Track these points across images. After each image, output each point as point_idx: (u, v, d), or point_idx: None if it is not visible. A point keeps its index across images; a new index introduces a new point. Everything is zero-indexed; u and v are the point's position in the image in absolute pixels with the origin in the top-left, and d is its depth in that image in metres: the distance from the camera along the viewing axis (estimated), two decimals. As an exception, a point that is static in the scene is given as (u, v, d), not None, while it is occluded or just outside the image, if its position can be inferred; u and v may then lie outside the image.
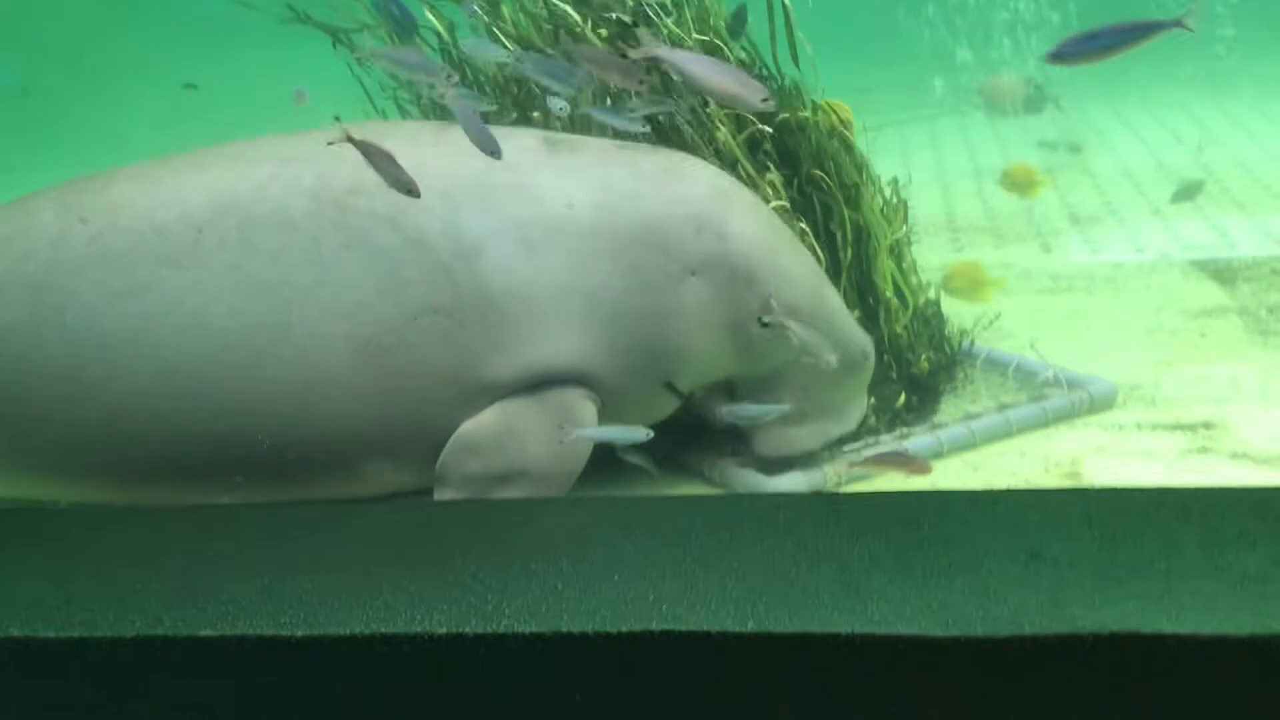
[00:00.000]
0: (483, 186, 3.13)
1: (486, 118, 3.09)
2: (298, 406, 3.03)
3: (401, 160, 3.12)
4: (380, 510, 2.73)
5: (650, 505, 2.55)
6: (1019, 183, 4.95)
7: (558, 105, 3.24)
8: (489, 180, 3.14)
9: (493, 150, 2.91)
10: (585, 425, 3.08)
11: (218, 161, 3.22)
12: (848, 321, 3.40)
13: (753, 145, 3.68)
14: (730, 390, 3.39)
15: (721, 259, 3.18)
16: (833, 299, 3.38)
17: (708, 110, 3.61)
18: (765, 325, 3.21)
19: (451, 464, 3.09)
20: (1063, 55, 2.48)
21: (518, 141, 3.30)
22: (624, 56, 2.99)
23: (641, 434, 3.01)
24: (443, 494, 3.09)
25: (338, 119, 2.93)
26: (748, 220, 3.26)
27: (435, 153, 3.19)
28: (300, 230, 3.05)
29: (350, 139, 2.82)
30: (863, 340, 3.40)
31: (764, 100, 2.85)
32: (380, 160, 2.83)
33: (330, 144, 2.87)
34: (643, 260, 3.13)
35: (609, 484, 3.35)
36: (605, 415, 3.18)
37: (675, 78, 2.98)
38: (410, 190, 2.81)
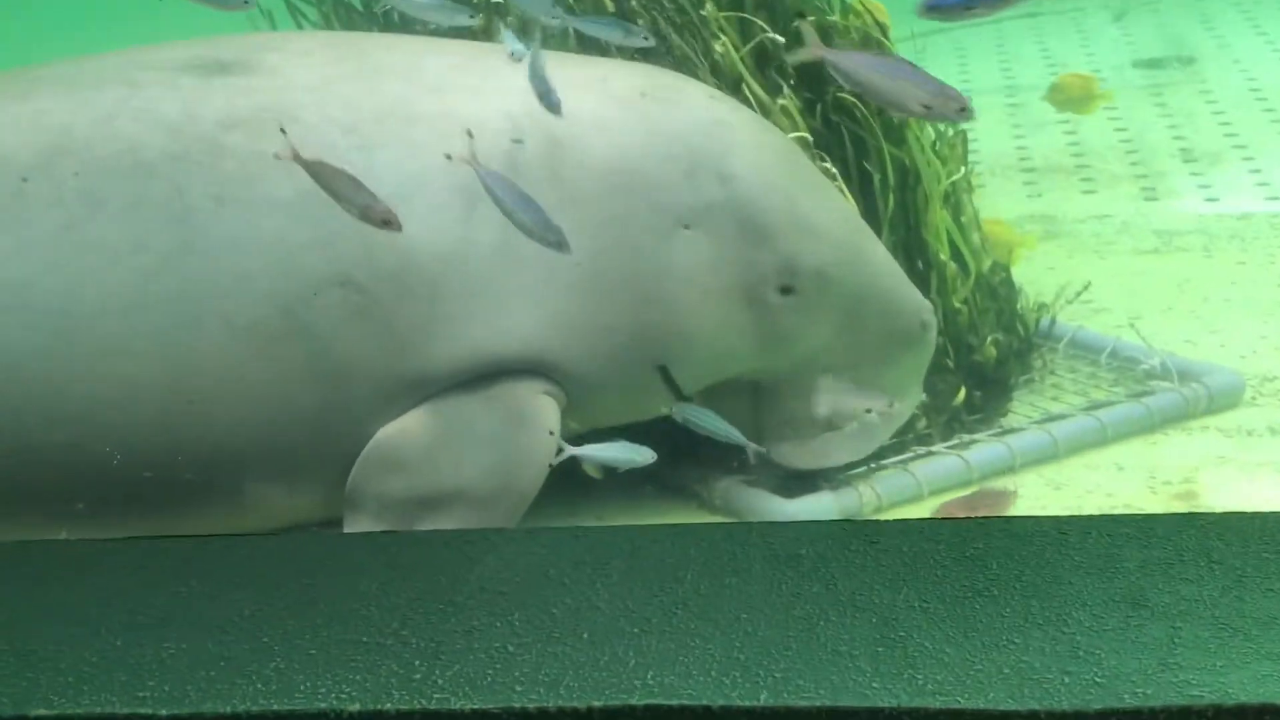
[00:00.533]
0: (404, 118, 3.12)
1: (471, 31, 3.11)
2: (159, 411, 3.02)
3: (288, 83, 3.11)
4: (272, 546, 2.73)
5: (630, 538, 2.55)
6: (1073, 98, 4.93)
7: (546, 11, 3.24)
8: (412, 109, 3.13)
9: (554, 103, 2.92)
10: (543, 428, 3.09)
11: (48, 86, 3.19)
12: (899, 282, 3.41)
13: (762, 60, 3.69)
14: (755, 391, 3.38)
15: (723, 207, 3.19)
16: (876, 253, 3.39)
17: (701, 11, 3.61)
18: (787, 293, 3.22)
19: (366, 483, 3.09)
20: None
21: (449, 57, 3.29)
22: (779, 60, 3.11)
23: (646, 455, 3.03)
24: (355, 523, 3.09)
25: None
26: (756, 156, 3.26)
27: (337, 73, 3.18)
28: (159, 177, 3.04)
29: (298, 158, 2.84)
30: (920, 306, 3.42)
31: (960, 110, 2.81)
32: (340, 185, 2.83)
33: (277, 156, 2.89)
34: (618, 210, 3.13)
35: (574, 509, 3.36)
36: (572, 415, 3.19)
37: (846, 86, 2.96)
38: (388, 222, 2.83)
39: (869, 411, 3.40)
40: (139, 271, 3.01)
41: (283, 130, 2.93)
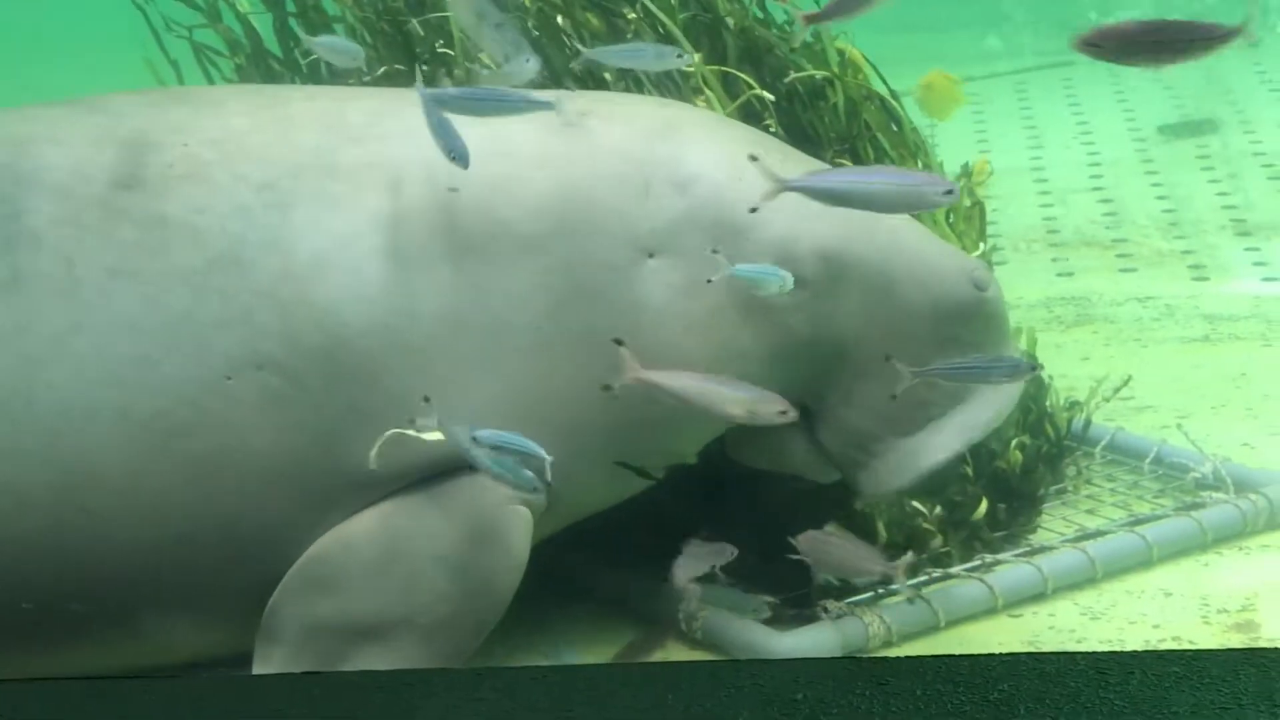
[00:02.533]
0: (324, 170, 3.15)
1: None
2: (48, 522, 3.01)
3: (200, 136, 3.13)
4: (174, 690, 2.71)
5: (596, 681, 2.55)
6: (937, 97, 4.62)
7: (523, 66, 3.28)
8: (333, 160, 3.16)
9: (459, 155, 2.95)
10: (512, 549, 3.07)
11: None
12: (929, 242, 3.33)
13: (750, 118, 3.73)
14: (804, 418, 3.28)
15: (689, 218, 3.19)
16: (888, 217, 3.26)
17: (681, 57, 3.66)
18: (795, 288, 3.09)
19: (288, 604, 3.07)
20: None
21: (375, 103, 3.33)
22: None
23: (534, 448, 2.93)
24: (268, 655, 3.06)
25: None
26: (713, 149, 3.26)
27: (249, 125, 3.21)
28: (45, 248, 3.05)
29: None
30: (964, 264, 3.31)
31: (946, 194, 2.93)
32: None
33: None
34: (570, 254, 3.15)
35: (531, 639, 3.35)
36: (553, 508, 3.17)
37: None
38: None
39: (940, 406, 3.27)
40: (21, 357, 3.01)
41: None
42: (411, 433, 2.99)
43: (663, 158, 3.22)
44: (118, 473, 3.00)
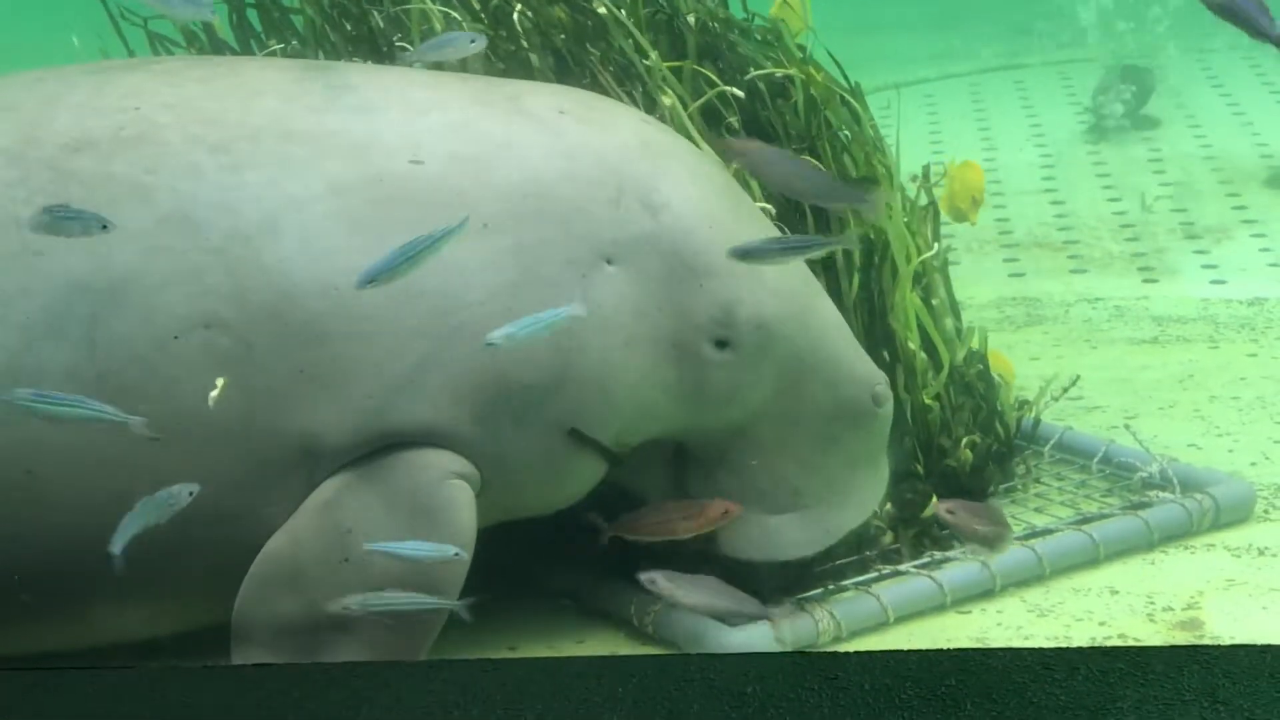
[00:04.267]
0: (280, 134, 3.14)
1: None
2: None
3: (153, 100, 3.11)
4: (112, 680, 2.69)
5: (549, 673, 2.55)
6: (959, 197, 4.34)
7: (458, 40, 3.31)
8: (290, 125, 3.16)
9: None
10: (459, 524, 3.07)
11: None
12: (849, 346, 3.46)
13: (711, 118, 3.74)
14: (678, 456, 3.39)
15: (652, 240, 3.22)
16: (825, 310, 3.44)
17: (646, 62, 3.67)
18: (722, 347, 3.25)
19: (255, 607, 3.07)
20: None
21: (334, 75, 3.33)
22: None
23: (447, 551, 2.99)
24: (244, 656, 3.06)
25: None
26: (691, 186, 3.30)
27: (202, 91, 3.20)
28: None
29: None
30: (872, 376, 3.46)
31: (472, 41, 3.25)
32: None
33: None
34: (530, 240, 3.15)
35: (482, 633, 3.34)
36: (488, 494, 3.18)
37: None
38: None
39: (810, 498, 3.40)
40: None
41: None
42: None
43: (638, 175, 3.25)
44: (63, 434, 2.96)
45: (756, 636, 3.36)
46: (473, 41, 3.32)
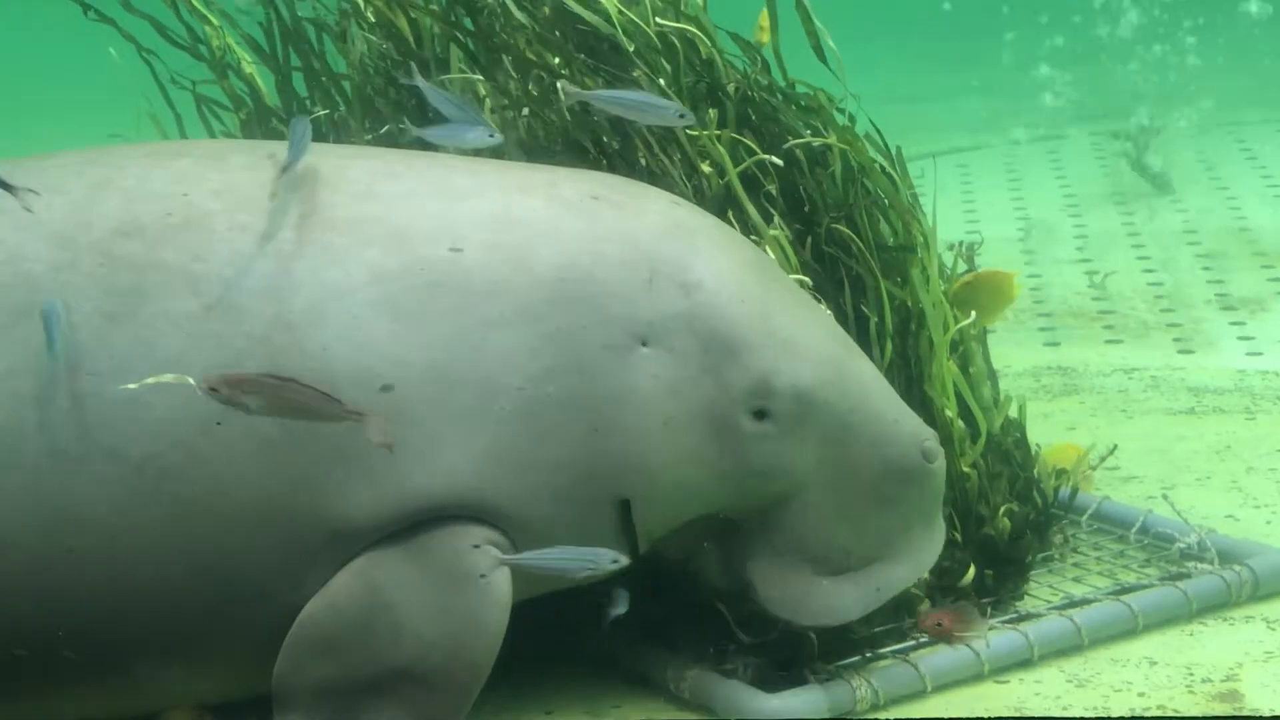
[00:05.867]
0: (325, 223, 3.18)
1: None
2: (29, 563, 3.01)
3: (202, 187, 3.16)
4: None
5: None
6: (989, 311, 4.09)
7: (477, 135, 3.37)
8: (334, 214, 3.19)
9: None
10: (491, 588, 3.09)
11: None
12: (892, 405, 3.45)
13: (748, 185, 3.77)
14: (725, 534, 3.38)
15: (686, 319, 3.25)
16: (864, 371, 3.43)
17: (690, 131, 3.71)
18: (761, 418, 3.25)
19: (295, 673, 3.07)
20: None
21: (378, 162, 3.37)
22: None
23: (605, 559, 3.01)
24: (286, 718, 3.07)
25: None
26: (723, 262, 3.33)
27: (249, 179, 3.25)
28: (43, 293, 3.07)
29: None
30: (919, 432, 3.44)
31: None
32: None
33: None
34: (567, 325, 3.18)
35: (520, 699, 3.35)
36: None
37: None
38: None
39: (863, 559, 3.39)
40: (13, 396, 3.02)
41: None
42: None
43: (670, 255, 3.28)
44: (105, 514, 3.01)
45: (793, 703, 3.35)
46: (490, 135, 3.41)
